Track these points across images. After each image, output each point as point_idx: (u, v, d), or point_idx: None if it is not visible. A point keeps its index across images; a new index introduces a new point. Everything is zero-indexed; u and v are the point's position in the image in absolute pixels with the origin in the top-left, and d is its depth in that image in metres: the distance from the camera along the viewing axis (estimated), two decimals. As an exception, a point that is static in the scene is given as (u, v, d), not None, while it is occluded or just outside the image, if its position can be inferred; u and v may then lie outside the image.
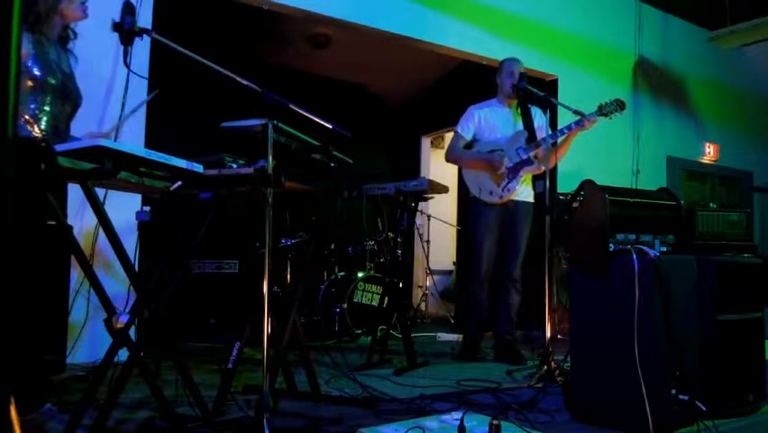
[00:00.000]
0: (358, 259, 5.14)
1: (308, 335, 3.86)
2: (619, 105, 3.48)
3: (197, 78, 3.36)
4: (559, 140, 3.64)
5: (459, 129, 3.91)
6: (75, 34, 2.33)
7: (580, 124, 3.52)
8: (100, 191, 2.08)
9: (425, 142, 7.58)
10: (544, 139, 3.45)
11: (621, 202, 2.47)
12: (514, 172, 3.71)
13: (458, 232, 6.66)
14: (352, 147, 2.77)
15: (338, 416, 2.34)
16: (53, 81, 2.13)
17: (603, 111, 3.48)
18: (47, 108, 2.14)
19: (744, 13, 5.89)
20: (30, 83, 2.09)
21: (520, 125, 3.78)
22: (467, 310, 3.95)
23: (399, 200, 3.64)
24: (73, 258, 2.01)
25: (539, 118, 3.78)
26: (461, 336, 4.26)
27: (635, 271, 2.19)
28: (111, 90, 3.43)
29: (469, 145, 3.92)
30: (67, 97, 2.22)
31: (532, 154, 3.68)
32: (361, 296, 4.74)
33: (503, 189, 3.73)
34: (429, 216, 6.22)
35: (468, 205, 3.95)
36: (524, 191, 3.82)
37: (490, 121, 3.86)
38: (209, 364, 3.35)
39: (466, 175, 3.90)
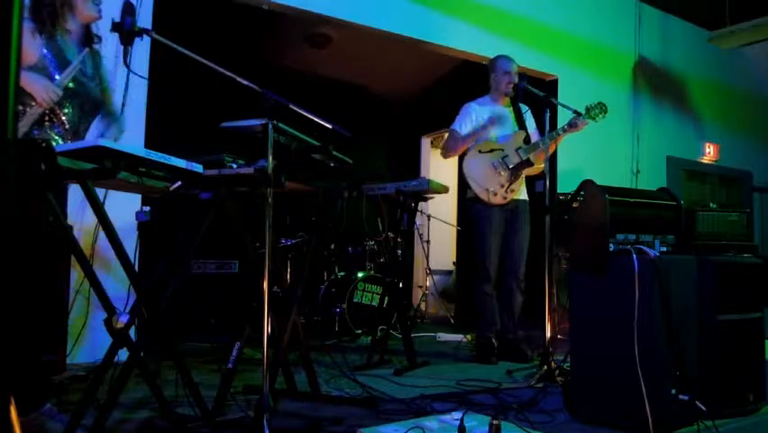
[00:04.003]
0: (358, 259, 5.13)
1: (308, 335, 3.86)
2: (602, 109, 3.51)
3: (197, 78, 3.36)
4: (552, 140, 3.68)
5: (456, 127, 3.89)
6: (99, 38, 2.33)
7: (573, 126, 3.56)
8: (100, 191, 2.08)
9: (425, 142, 7.58)
10: (542, 140, 3.56)
11: (621, 202, 2.47)
12: (516, 173, 3.75)
13: (458, 232, 6.66)
14: (352, 147, 2.77)
15: (338, 416, 2.34)
16: (72, 84, 2.14)
17: (590, 114, 3.51)
18: (67, 110, 2.15)
19: (744, 13, 5.88)
20: None
21: (513, 124, 3.86)
22: (476, 311, 3.86)
23: (399, 200, 3.64)
24: (73, 258, 2.01)
25: (529, 116, 3.92)
26: (466, 336, 4.37)
27: (635, 271, 2.19)
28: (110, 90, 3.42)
29: None
30: (86, 99, 2.24)
31: (532, 155, 3.72)
32: (361, 296, 4.73)
33: (506, 190, 3.75)
34: (429, 216, 6.21)
35: (468, 205, 3.91)
36: (522, 190, 3.92)
37: (487, 119, 3.84)
38: (209, 364, 3.35)
39: (469, 175, 3.80)
